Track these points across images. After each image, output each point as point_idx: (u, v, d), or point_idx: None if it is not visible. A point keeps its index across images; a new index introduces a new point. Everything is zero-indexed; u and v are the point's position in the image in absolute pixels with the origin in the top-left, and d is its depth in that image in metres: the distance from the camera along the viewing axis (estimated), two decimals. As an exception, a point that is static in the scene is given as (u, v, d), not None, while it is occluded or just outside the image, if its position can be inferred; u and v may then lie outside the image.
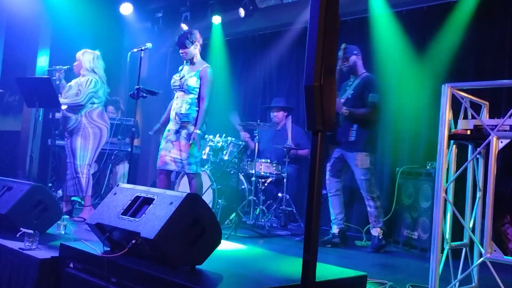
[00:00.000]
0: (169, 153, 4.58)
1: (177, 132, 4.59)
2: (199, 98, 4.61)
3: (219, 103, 7.59)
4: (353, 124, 4.62)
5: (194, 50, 4.64)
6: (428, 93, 5.39)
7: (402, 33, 5.73)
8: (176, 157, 4.55)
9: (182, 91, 4.60)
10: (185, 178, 5.80)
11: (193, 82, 4.57)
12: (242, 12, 6.71)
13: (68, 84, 5.01)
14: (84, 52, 5.02)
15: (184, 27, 7.04)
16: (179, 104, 4.59)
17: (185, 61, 4.73)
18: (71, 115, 4.86)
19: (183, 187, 5.71)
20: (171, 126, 4.66)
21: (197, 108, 4.61)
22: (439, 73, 5.27)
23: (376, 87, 4.66)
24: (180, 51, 4.64)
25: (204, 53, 7.36)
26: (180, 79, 4.62)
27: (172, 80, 4.72)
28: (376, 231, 4.62)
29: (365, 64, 4.89)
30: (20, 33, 7.46)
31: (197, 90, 4.58)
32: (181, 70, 4.74)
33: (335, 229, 4.74)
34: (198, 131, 4.50)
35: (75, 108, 4.85)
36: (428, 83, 5.41)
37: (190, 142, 4.52)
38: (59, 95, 4.92)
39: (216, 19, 7.03)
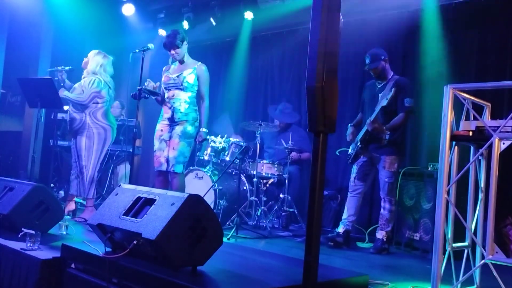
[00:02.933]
0: (163, 153, 4.60)
1: (172, 130, 4.60)
2: (197, 97, 4.63)
3: (221, 104, 7.60)
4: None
5: (184, 49, 4.66)
6: (430, 94, 5.39)
7: (405, 34, 5.73)
8: (166, 156, 4.57)
9: (179, 89, 4.61)
10: (188, 178, 5.80)
11: (191, 79, 4.59)
12: (250, 15, 6.68)
13: (75, 85, 4.99)
14: (97, 53, 5.01)
15: (186, 25, 7.05)
16: (176, 102, 4.60)
17: (171, 60, 4.76)
18: (77, 116, 4.86)
19: (186, 187, 5.70)
20: (164, 126, 4.67)
21: (195, 107, 4.63)
22: (441, 74, 5.27)
23: (410, 90, 4.57)
24: (172, 52, 4.65)
25: (206, 54, 7.40)
26: (177, 76, 4.63)
27: (165, 79, 4.71)
28: (381, 234, 4.57)
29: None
30: (22, 33, 7.47)
31: (195, 88, 4.62)
32: (171, 69, 4.75)
33: (341, 229, 4.71)
34: (205, 130, 4.62)
35: (80, 108, 4.86)
36: (430, 84, 5.41)
37: (199, 141, 4.64)
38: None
39: (217, 20, 7.03)
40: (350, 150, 4.79)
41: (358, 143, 4.60)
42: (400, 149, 4.58)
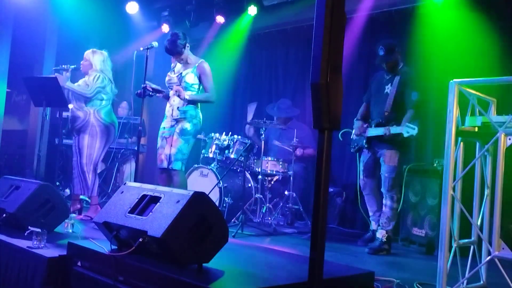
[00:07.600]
0: (164, 150, 4.62)
1: (171, 127, 4.62)
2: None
3: (224, 102, 7.61)
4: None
5: (187, 51, 4.67)
6: (435, 89, 5.36)
7: (410, 30, 5.70)
8: (167, 153, 4.58)
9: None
10: (193, 175, 5.82)
11: (190, 79, 4.60)
12: (253, 10, 6.67)
13: (79, 82, 4.99)
14: (94, 52, 5.01)
15: (220, 19, 6.95)
16: (177, 101, 4.61)
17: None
18: (80, 114, 4.86)
19: (190, 184, 5.72)
20: (166, 124, 4.70)
21: (194, 105, 4.64)
22: (446, 70, 5.24)
23: (413, 82, 4.44)
24: (176, 57, 4.67)
25: (210, 52, 7.40)
26: (177, 76, 4.65)
27: (167, 78, 4.75)
28: (381, 234, 4.41)
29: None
30: (27, 32, 7.48)
31: (195, 86, 4.62)
32: (175, 67, 4.77)
33: (374, 225, 4.62)
34: (187, 95, 4.51)
35: (83, 101, 4.86)
36: (435, 79, 5.38)
37: (175, 90, 4.54)
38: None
39: (222, 18, 7.02)
40: (354, 136, 4.73)
41: (364, 140, 4.58)
42: (401, 144, 4.43)
